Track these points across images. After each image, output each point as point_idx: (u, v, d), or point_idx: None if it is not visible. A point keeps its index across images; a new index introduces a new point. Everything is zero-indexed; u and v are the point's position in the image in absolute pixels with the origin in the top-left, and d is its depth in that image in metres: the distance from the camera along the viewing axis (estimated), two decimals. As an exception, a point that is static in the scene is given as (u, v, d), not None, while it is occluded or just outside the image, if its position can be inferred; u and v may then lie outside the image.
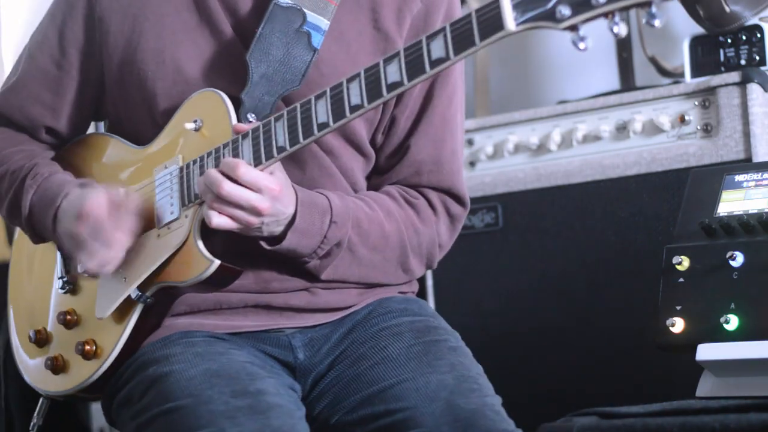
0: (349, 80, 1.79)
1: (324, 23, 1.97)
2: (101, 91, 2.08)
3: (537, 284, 2.71)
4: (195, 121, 1.95)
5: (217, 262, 1.89)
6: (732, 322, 2.00)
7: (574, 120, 2.70)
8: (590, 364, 2.62)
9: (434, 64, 1.71)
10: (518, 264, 2.73)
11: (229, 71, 1.98)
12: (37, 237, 2.06)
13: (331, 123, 1.81)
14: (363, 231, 1.99)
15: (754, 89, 2.48)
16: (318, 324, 2.02)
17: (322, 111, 1.81)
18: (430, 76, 1.73)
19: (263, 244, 1.92)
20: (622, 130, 2.64)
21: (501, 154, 2.78)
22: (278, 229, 1.90)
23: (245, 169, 1.83)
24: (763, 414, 1.85)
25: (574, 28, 1.61)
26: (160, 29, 2.01)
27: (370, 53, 2.00)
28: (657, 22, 1.55)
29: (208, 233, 1.92)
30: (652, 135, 2.61)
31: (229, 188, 1.83)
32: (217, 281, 1.91)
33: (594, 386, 2.60)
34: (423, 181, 2.07)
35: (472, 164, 2.80)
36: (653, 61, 2.98)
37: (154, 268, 1.94)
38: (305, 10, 1.97)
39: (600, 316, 2.62)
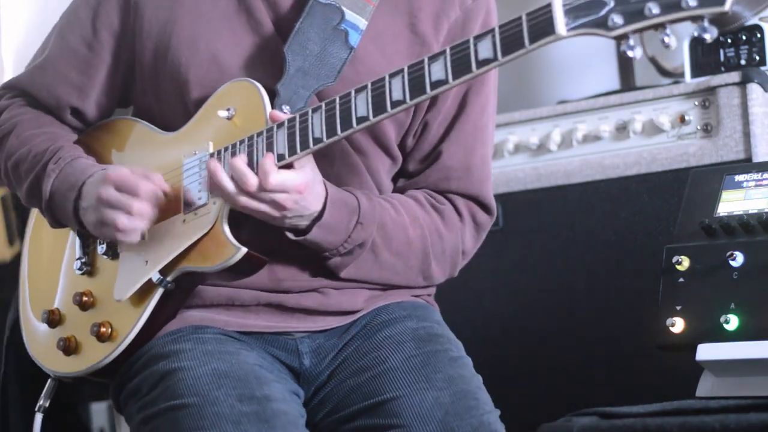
0: (392, 75, 1.79)
1: (362, 23, 1.98)
2: (131, 76, 2.07)
3: (537, 284, 2.71)
4: (228, 109, 1.95)
5: (244, 250, 1.88)
6: (732, 322, 2.00)
7: (574, 120, 2.70)
8: (590, 364, 2.62)
9: (481, 64, 1.72)
10: (518, 264, 2.73)
11: (265, 62, 1.98)
12: (56, 222, 2.04)
13: (371, 117, 1.81)
14: (387, 235, 1.99)
15: (754, 89, 2.49)
16: (327, 328, 2.02)
17: (362, 104, 1.81)
18: (475, 77, 1.73)
19: (288, 234, 1.93)
20: (622, 130, 2.64)
21: (501, 154, 2.78)
22: (303, 223, 1.91)
23: (276, 178, 1.84)
24: (763, 414, 1.85)
25: (624, 36, 1.61)
26: (196, 16, 2.00)
27: (406, 56, 2.00)
28: (708, 36, 1.56)
29: (235, 222, 1.92)
30: (652, 135, 2.61)
31: (260, 194, 1.85)
32: (241, 269, 1.91)
33: (594, 386, 2.60)
34: (452, 187, 2.07)
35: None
36: (653, 61, 2.98)
37: (178, 252, 1.93)
38: (344, 9, 1.97)
39: (600, 316, 2.62)
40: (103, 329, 1.98)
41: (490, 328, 2.74)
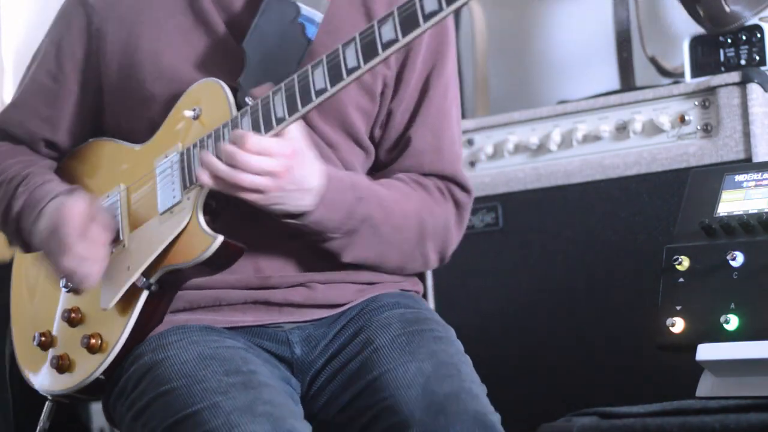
0: (345, 45, 1.81)
1: (318, 16, 1.99)
2: (100, 101, 2.10)
3: (537, 284, 2.71)
4: (194, 110, 1.97)
5: (221, 238, 1.89)
6: (732, 322, 1.99)
7: (574, 120, 2.70)
8: (590, 364, 2.62)
9: (428, 17, 1.73)
10: (518, 264, 2.73)
11: (224, 64, 2.00)
12: (25, 246, 2.07)
13: (329, 87, 1.82)
14: (386, 209, 2.01)
15: (754, 89, 2.48)
16: (316, 319, 2.03)
17: (319, 78, 1.83)
18: (424, 31, 1.74)
19: (289, 221, 1.93)
20: (622, 130, 2.64)
21: (501, 154, 2.78)
22: (304, 202, 1.91)
23: (253, 139, 1.85)
24: (763, 414, 1.85)
25: None
26: (157, 33, 2.04)
27: None
28: None
29: (215, 221, 1.93)
30: (652, 135, 2.61)
31: (243, 158, 1.84)
32: (221, 261, 1.92)
33: (594, 386, 2.60)
34: (425, 169, 2.09)
35: (472, 164, 2.80)
36: (653, 61, 2.98)
37: (158, 252, 1.94)
38: (299, 4, 1.99)
39: (600, 316, 2.62)
40: (93, 341, 2.00)
41: (489, 328, 2.74)
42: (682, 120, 2.57)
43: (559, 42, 3.27)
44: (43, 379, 2.09)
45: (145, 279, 1.96)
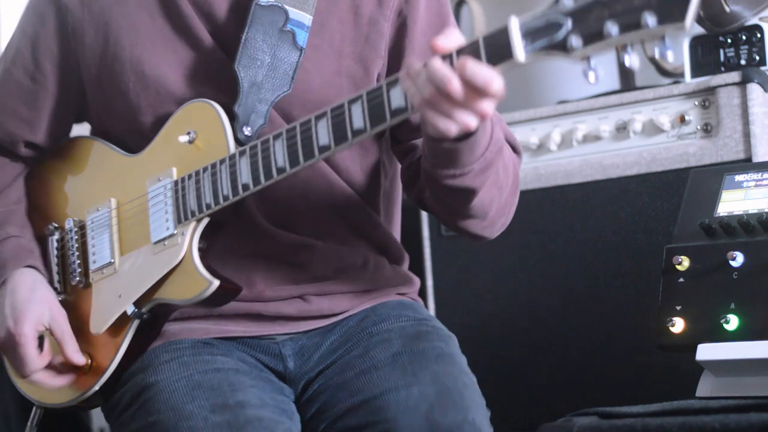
0: (352, 102, 1.72)
1: (307, 18, 1.93)
2: (83, 101, 2.05)
3: (537, 284, 2.71)
4: (188, 134, 1.91)
5: (217, 282, 1.87)
6: (732, 322, 1.99)
7: (574, 120, 2.70)
8: (590, 364, 2.62)
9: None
10: (518, 264, 2.73)
11: (213, 80, 1.95)
12: None
13: (332, 146, 1.75)
14: (501, 145, 1.85)
15: (754, 89, 2.48)
16: (309, 330, 2.01)
17: (323, 133, 1.76)
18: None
19: (449, 145, 1.75)
20: (622, 130, 2.64)
21: (501, 154, 2.77)
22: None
23: (477, 67, 1.59)
24: (763, 414, 1.85)
25: (585, 57, 1.58)
26: (135, 38, 1.97)
27: (354, 40, 1.96)
28: (670, 55, 1.52)
29: (207, 245, 1.91)
30: (652, 135, 2.61)
31: (457, 87, 1.61)
32: (216, 300, 1.90)
33: (594, 386, 2.60)
34: None
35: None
36: (653, 61, 2.98)
37: (149, 286, 1.93)
38: (286, 7, 1.93)
39: (600, 316, 2.62)
40: (84, 359, 2.00)
41: (490, 328, 2.74)
42: (682, 120, 2.57)
43: (559, 42, 3.27)
44: (31, 387, 2.08)
45: (136, 309, 1.95)
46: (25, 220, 2.10)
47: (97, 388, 1.98)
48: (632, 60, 1.55)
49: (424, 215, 2.83)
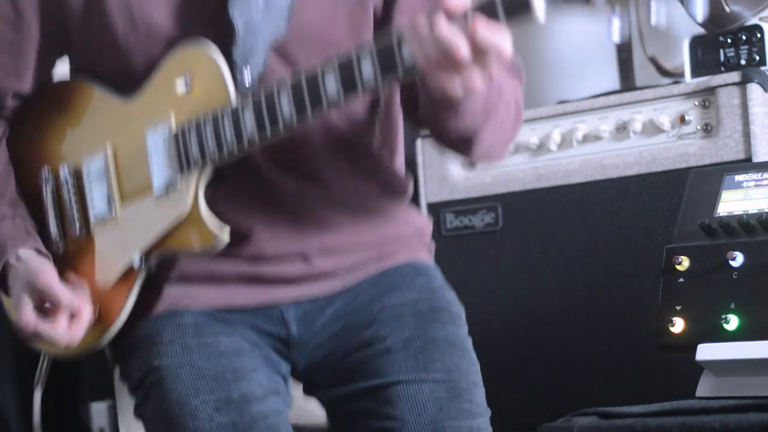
0: (361, 55, 1.68)
1: None
2: (68, 42, 1.99)
3: (537, 284, 2.71)
4: (185, 78, 1.87)
5: (227, 235, 1.85)
6: (732, 322, 1.99)
7: (574, 120, 2.70)
8: (590, 364, 2.62)
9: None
10: (518, 264, 2.73)
11: (206, 22, 1.88)
12: None
13: (342, 99, 1.72)
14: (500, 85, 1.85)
15: (754, 89, 2.48)
16: (314, 296, 1.97)
17: (331, 84, 1.72)
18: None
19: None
20: (622, 130, 2.64)
21: (501, 154, 2.77)
22: None
23: (489, 32, 1.58)
24: (763, 414, 1.85)
25: (608, 2, 1.54)
26: None
27: None
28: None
29: (212, 195, 1.88)
30: (652, 135, 2.61)
31: (465, 52, 1.59)
32: (224, 247, 1.88)
33: (594, 386, 2.60)
34: None
35: (472, 164, 2.80)
36: (653, 61, 2.98)
37: (155, 237, 1.90)
38: None
39: (600, 316, 2.62)
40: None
41: (489, 328, 2.74)
42: (682, 120, 2.57)
43: (559, 42, 3.27)
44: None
45: (143, 261, 1.92)
46: (16, 196, 2.05)
47: (105, 341, 1.96)
48: (659, 13, 1.51)
49: (424, 215, 2.83)
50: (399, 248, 2.04)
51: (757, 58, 2.56)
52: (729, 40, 2.59)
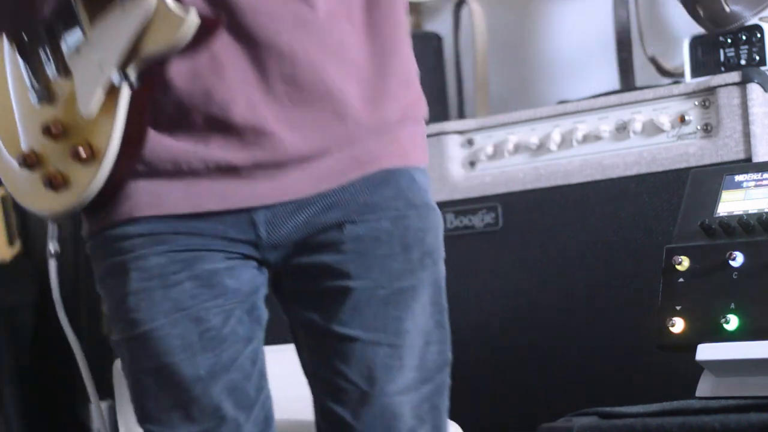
0: None
1: None
2: None
3: (537, 284, 2.71)
4: None
5: (194, 16, 1.76)
6: (732, 322, 2.00)
7: (574, 120, 2.70)
8: (590, 364, 2.62)
9: None
10: (518, 264, 2.73)
11: None
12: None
13: None
14: None
15: (754, 89, 2.48)
16: (285, 197, 1.85)
17: None
18: None
19: None
20: (622, 130, 2.64)
21: (501, 154, 2.78)
22: None
23: None
24: (763, 414, 1.85)
25: None
26: None
27: None
28: None
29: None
30: (652, 135, 2.61)
31: None
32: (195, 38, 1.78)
33: (594, 386, 2.60)
34: None
35: (472, 164, 2.80)
36: (653, 61, 2.98)
37: (126, 43, 1.81)
38: None
39: (600, 316, 2.62)
40: (81, 149, 1.87)
41: (489, 328, 2.74)
42: (682, 120, 2.57)
43: (559, 42, 3.27)
44: (42, 202, 1.96)
45: (121, 74, 1.83)
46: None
47: (103, 175, 1.86)
48: None
49: (424, 215, 2.83)
50: (381, 139, 1.91)
51: (757, 58, 2.56)
52: (729, 40, 2.59)
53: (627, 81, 3.00)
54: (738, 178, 2.15)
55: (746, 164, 2.44)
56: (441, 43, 3.26)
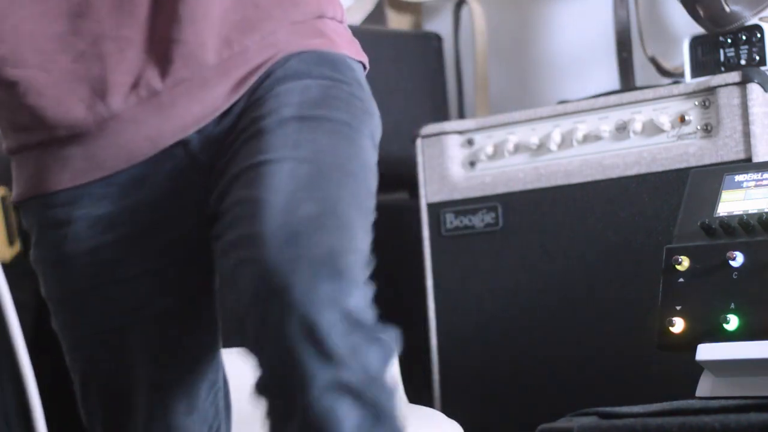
0: None
1: None
2: None
3: (537, 284, 2.71)
4: None
5: None
6: (732, 322, 2.00)
7: (574, 120, 2.70)
8: (590, 364, 2.62)
9: None
10: (518, 264, 2.73)
11: None
12: None
13: None
14: None
15: (754, 89, 2.48)
16: (209, 117, 1.68)
17: None
18: None
19: None
20: (622, 130, 2.64)
21: (501, 154, 2.77)
22: None
23: None
24: (763, 414, 1.85)
25: None
26: None
27: None
28: None
29: None
30: (652, 135, 2.61)
31: None
32: None
33: (594, 386, 2.60)
34: None
35: (472, 164, 2.80)
36: (653, 61, 2.98)
37: None
38: None
39: (600, 316, 2.62)
40: None
41: (489, 328, 2.74)
42: (682, 120, 2.57)
43: (559, 42, 3.27)
44: None
45: None
46: None
47: None
48: None
49: (424, 215, 2.83)
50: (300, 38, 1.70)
51: (757, 58, 2.56)
52: (729, 40, 2.59)
53: (627, 81, 3.00)
54: (738, 178, 2.15)
55: (746, 164, 2.44)
56: (441, 43, 3.26)
